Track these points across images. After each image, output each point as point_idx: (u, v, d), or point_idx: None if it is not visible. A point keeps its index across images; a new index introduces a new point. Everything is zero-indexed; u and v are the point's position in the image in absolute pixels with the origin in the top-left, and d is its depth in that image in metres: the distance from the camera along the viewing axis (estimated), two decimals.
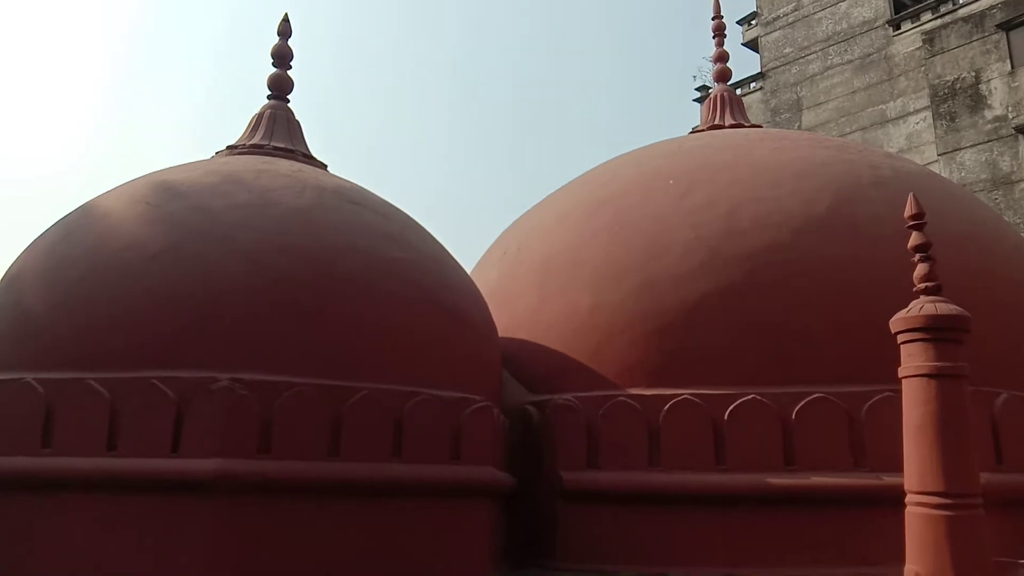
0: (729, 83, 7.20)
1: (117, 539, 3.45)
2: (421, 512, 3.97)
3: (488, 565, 4.20)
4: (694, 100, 24.16)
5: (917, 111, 18.25)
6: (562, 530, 4.87)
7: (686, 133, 6.89)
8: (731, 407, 4.63)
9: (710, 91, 9.17)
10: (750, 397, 4.63)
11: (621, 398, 4.80)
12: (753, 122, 6.99)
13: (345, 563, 3.69)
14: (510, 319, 5.61)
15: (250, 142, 5.21)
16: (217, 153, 5.19)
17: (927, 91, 17.87)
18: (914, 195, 4.15)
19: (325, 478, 3.72)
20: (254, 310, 3.86)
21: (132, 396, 3.56)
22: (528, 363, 5.47)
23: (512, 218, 6.75)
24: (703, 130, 6.76)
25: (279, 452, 3.63)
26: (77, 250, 4.05)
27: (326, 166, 5.45)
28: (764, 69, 21.70)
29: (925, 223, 4.07)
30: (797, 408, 4.59)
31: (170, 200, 4.20)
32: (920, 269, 4.00)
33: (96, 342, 3.73)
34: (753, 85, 21.77)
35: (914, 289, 3.97)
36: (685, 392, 4.71)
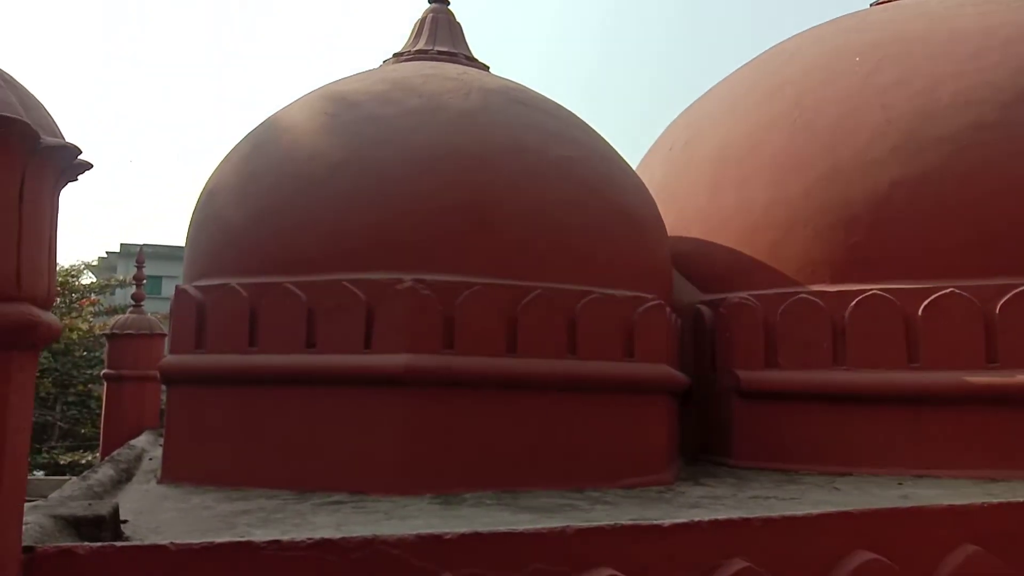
0: None
1: (318, 427, 3.73)
2: (597, 408, 4.03)
3: (664, 460, 4.23)
4: None
5: None
6: (738, 429, 4.83)
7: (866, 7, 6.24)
8: (926, 302, 4.33)
9: None
10: (948, 291, 4.31)
11: (802, 295, 4.60)
12: None
13: (525, 454, 3.83)
14: (679, 217, 5.46)
15: (415, 48, 5.24)
16: (384, 62, 5.27)
17: None
18: None
19: (505, 373, 3.83)
20: (429, 213, 3.95)
21: (326, 297, 3.78)
22: (699, 262, 5.34)
23: (677, 111, 6.47)
24: (889, 1, 6.12)
25: (461, 348, 3.77)
26: (266, 163, 4.28)
27: (488, 67, 5.41)
28: None
29: None
30: (1002, 302, 4.23)
31: (346, 110, 4.33)
32: None
33: (289, 248, 3.97)
34: None
35: None
36: (874, 287, 4.45)
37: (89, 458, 15.26)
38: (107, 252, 34.73)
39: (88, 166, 1.90)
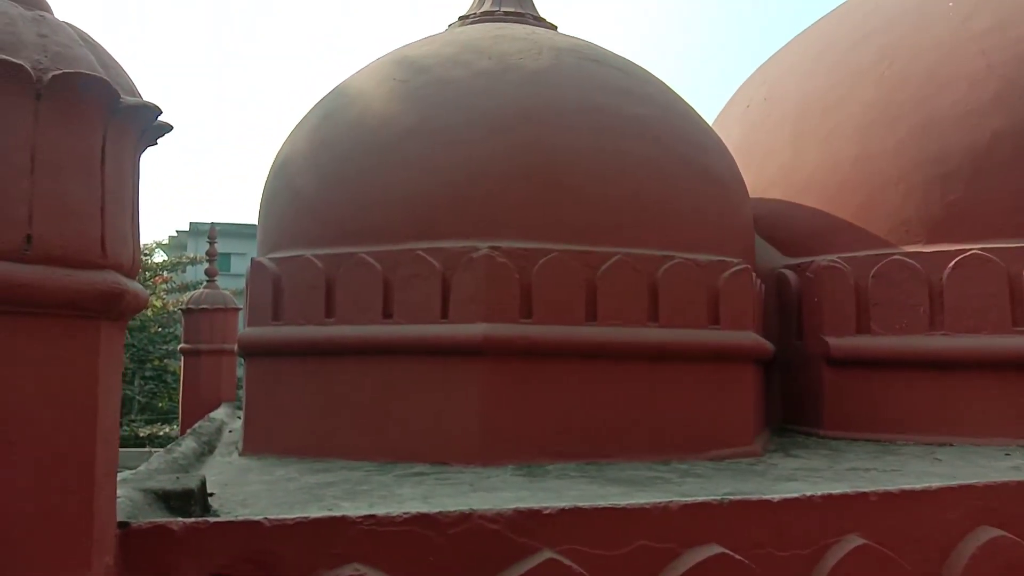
0: None
1: (397, 398, 3.67)
2: (682, 377, 3.89)
3: (752, 431, 4.06)
4: None
5: None
6: (828, 398, 4.63)
7: None
8: None
9: None
10: None
11: (896, 256, 4.35)
12: None
13: (608, 424, 3.71)
14: (759, 178, 5.23)
15: (481, 9, 5.09)
16: (450, 25, 5.13)
17: None
18: None
19: (585, 342, 3.71)
20: (503, 178, 3.83)
21: (401, 267, 3.71)
22: (781, 224, 5.11)
23: (752, 68, 6.19)
24: None
25: (540, 317, 3.66)
26: (337, 131, 4.20)
27: (556, 27, 5.22)
28: None
29: None
30: None
31: (415, 75, 4.22)
32: None
33: (363, 217, 3.90)
34: None
35: None
36: (974, 247, 4.18)
37: (167, 430, 15.73)
38: (177, 231, 35.60)
39: (168, 128, 1.83)
